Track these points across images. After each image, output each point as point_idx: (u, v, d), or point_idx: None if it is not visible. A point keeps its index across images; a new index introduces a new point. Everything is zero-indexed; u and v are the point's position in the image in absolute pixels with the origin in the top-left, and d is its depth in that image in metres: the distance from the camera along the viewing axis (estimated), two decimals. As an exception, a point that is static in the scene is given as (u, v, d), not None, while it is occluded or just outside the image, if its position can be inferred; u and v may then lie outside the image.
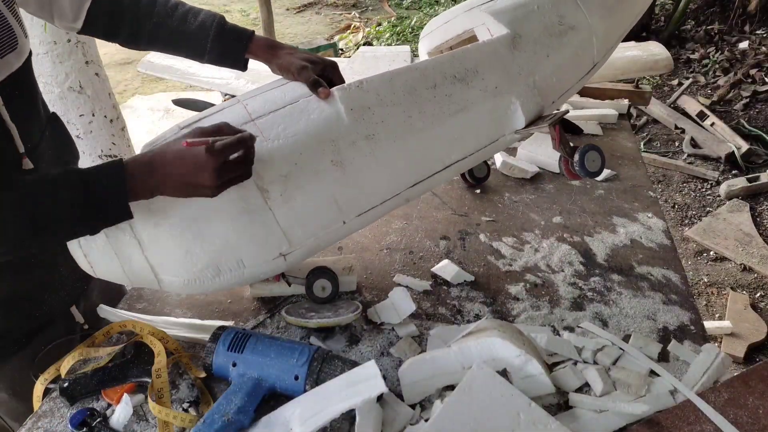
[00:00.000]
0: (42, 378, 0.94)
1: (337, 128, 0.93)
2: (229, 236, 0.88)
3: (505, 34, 1.10)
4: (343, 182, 0.93)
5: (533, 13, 1.15)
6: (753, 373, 0.91)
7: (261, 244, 0.90)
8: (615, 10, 1.26)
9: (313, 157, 0.91)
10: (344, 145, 0.93)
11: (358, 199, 0.96)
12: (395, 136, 0.97)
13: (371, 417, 0.82)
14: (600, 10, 1.21)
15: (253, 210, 0.88)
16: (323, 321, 0.99)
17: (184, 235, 0.87)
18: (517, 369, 0.88)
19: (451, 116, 1.02)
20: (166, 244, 0.87)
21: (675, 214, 3.12)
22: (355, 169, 0.94)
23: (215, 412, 0.83)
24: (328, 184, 0.92)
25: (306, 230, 0.93)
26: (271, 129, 0.91)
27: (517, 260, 1.25)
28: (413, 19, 5.54)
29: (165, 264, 0.89)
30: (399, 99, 0.98)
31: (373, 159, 0.95)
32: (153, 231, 0.87)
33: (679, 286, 1.18)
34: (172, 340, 0.99)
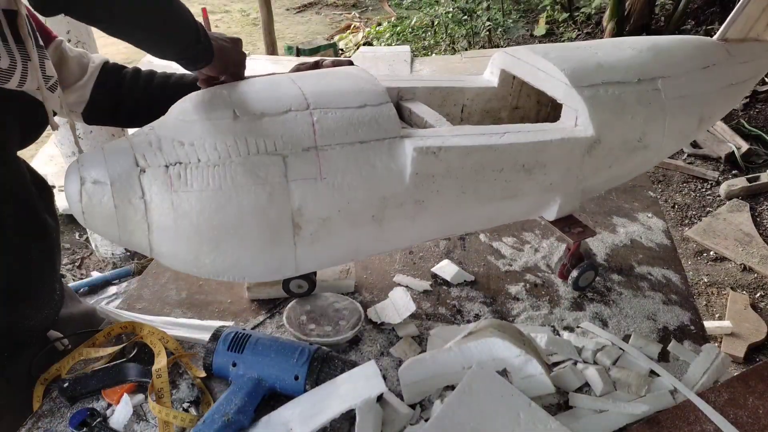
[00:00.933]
0: (42, 378, 0.94)
1: (393, 187, 0.87)
2: (244, 259, 0.84)
3: (590, 137, 1.01)
4: (373, 236, 0.91)
5: (624, 123, 1.05)
6: (753, 373, 0.91)
7: (270, 271, 0.88)
8: (685, 139, 1.23)
9: (359, 210, 0.87)
10: (392, 204, 0.88)
11: (377, 248, 0.96)
12: (442, 207, 0.93)
13: (371, 417, 0.82)
14: (677, 136, 1.16)
15: (279, 241, 0.84)
16: (323, 340, 0.99)
17: (201, 242, 0.81)
18: (517, 369, 0.88)
19: (499, 201, 0.99)
20: (177, 242, 0.82)
21: (675, 214, 3.12)
22: (391, 228, 0.91)
23: (215, 412, 0.83)
24: (359, 236, 0.89)
25: (316, 264, 0.93)
26: (331, 165, 0.83)
27: (517, 260, 1.25)
28: (413, 19, 5.54)
29: (167, 255, 0.84)
30: (463, 174, 0.92)
31: (411, 222, 0.92)
32: (170, 224, 0.80)
33: (679, 286, 1.18)
34: (172, 340, 0.99)
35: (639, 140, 1.08)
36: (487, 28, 5.02)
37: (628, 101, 1.05)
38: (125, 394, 0.90)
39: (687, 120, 1.15)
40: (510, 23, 5.14)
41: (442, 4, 5.29)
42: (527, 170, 0.98)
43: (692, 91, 1.13)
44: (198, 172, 0.79)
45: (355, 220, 0.87)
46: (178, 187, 0.78)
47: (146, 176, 0.79)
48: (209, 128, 0.80)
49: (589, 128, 1.01)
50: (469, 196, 0.95)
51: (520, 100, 1.24)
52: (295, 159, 0.81)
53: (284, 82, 0.89)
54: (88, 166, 0.79)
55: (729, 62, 1.21)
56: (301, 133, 0.82)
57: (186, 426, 0.85)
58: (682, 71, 1.13)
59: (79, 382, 0.91)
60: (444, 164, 0.90)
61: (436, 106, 1.16)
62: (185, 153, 0.79)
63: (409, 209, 0.90)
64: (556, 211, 1.07)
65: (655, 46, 1.16)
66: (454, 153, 0.90)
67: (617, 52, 1.11)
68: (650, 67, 1.10)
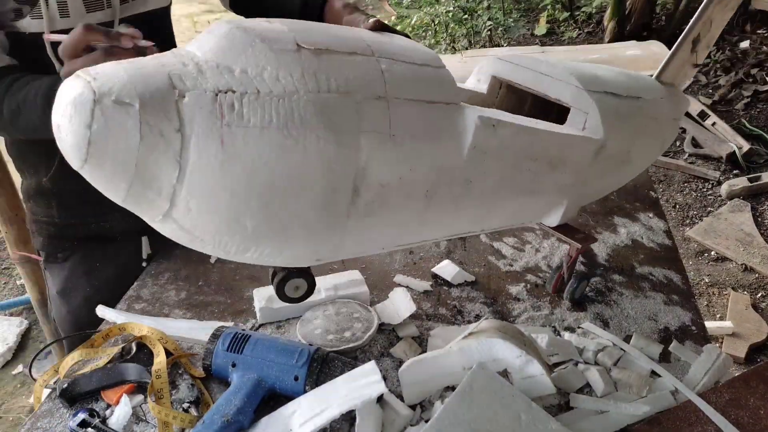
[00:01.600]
0: (41, 379, 0.94)
1: (452, 159, 0.79)
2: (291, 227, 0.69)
3: (599, 139, 0.99)
4: (418, 215, 0.81)
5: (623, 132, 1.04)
6: (754, 373, 0.91)
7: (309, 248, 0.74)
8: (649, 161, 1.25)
9: (417, 179, 0.77)
10: (445, 180, 0.80)
11: (412, 234, 0.86)
12: (482, 192, 0.87)
13: (371, 418, 0.81)
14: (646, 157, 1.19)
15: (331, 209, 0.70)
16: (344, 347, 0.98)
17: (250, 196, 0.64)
18: (518, 370, 0.87)
19: (522, 194, 0.95)
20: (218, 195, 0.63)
21: (676, 214, 3.11)
22: (436, 208, 0.83)
23: (215, 412, 0.83)
24: (407, 213, 0.79)
25: (359, 248, 0.81)
26: (400, 121, 0.72)
27: (518, 260, 1.25)
28: (413, 19, 5.54)
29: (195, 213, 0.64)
30: (508, 156, 0.86)
31: (453, 205, 0.85)
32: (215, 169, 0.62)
33: (681, 287, 1.18)
34: (171, 340, 0.98)
35: (628, 152, 1.08)
36: (487, 28, 5.02)
37: (624, 112, 1.05)
38: (124, 394, 0.90)
39: (655, 141, 1.17)
40: (511, 22, 5.13)
41: (442, 3, 5.28)
42: (553, 165, 0.95)
43: (659, 115, 1.15)
44: (258, 104, 0.62)
45: (410, 193, 0.77)
46: (232, 121, 0.61)
47: (187, 102, 0.60)
48: (269, 55, 0.64)
49: (599, 131, 0.99)
50: (506, 185, 0.90)
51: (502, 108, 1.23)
52: (369, 106, 0.68)
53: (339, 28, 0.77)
54: (104, 79, 0.58)
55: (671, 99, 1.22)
56: (371, 78, 0.69)
57: (185, 426, 0.85)
58: (651, 96, 1.14)
59: (78, 382, 0.91)
60: (498, 141, 0.83)
61: None
62: (238, 81, 0.62)
63: (457, 189, 0.83)
64: (560, 217, 1.06)
65: (623, 72, 1.17)
66: (509, 129, 0.84)
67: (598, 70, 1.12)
68: (631, 86, 1.11)
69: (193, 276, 1.21)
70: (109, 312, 1.07)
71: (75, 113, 0.57)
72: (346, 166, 0.68)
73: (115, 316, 1.06)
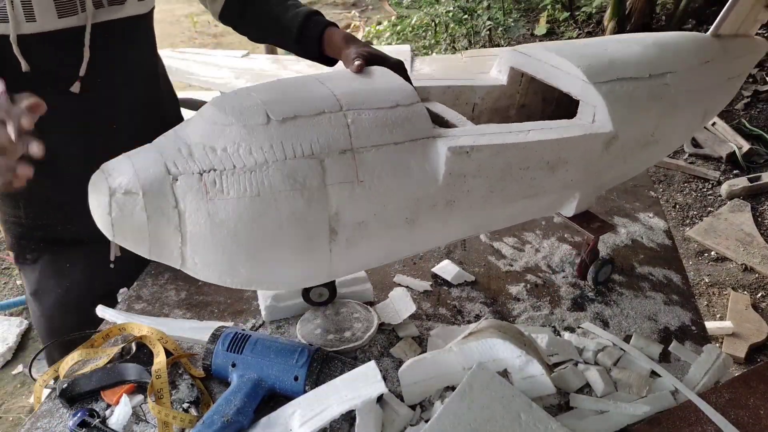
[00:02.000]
0: (41, 379, 0.94)
1: (427, 188, 0.86)
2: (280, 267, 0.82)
3: (608, 132, 1.00)
4: (405, 239, 0.89)
5: (639, 118, 1.06)
6: (754, 373, 0.91)
7: (305, 278, 0.88)
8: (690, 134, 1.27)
9: (394, 213, 0.85)
10: (425, 206, 0.87)
11: (408, 250, 0.94)
12: (470, 207, 0.92)
13: (371, 418, 0.81)
14: (684, 130, 1.20)
15: (315, 247, 0.82)
16: (344, 347, 0.98)
17: (238, 251, 0.78)
18: (518, 369, 0.87)
19: (523, 198, 0.98)
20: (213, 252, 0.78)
21: (676, 214, 3.11)
22: (422, 230, 0.90)
23: (215, 412, 0.83)
24: (392, 239, 0.88)
25: (349, 269, 0.92)
26: (367, 167, 0.81)
27: (517, 260, 1.25)
28: (413, 18, 5.53)
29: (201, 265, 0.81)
30: (493, 173, 0.92)
31: (441, 224, 0.91)
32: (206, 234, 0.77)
33: (681, 287, 1.18)
34: (170, 340, 0.98)
35: (652, 135, 1.09)
36: (487, 28, 5.02)
37: (641, 96, 1.05)
38: (124, 394, 0.90)
39: (693, 114, 1.18)
40: (511, 22, 5.13)
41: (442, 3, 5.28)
42: (551, 167, 0.97)
43: (697, 86, 1.15)
44: (234, 179, 0.75)
45: (390, 223, 0.85)
46: (214, 195, 0.75)
47: (179, 184, 0.75)
48: (242, 133, 0.77)
49: (607, 124, 1.01)
50: (496, 195, 0.94)
51: (527, 98, 1.24)
52: (333, 162, 0.79)
53: (312, 82, 0.87)
54: (117, 175, 0.74)
55: (725, 57, 1.23)
56: (336, 135, 0.79)
57: (185, 427, 0.85)
58: (686, 66, 1.14)
59: (78, 382, 0.91)
60: (475, 163, 0.88)
61: (450, 105, 1.16)
62: (219, 159, 0.76)
63: (441, 210, 0.89)
64: (574, 207, 1.08)
65: (658, 41, 1.17)
66: (486, 152, 0.89)
67: (625, 48, 1.12)
68: (658, 62, 1.10)
69: (193, 276, 1.21)
70: (109, 312, 1.07)
71: (98, 206, 0.75)
72: (318, 216, 0.79)
73: (115, 316, 1.06)
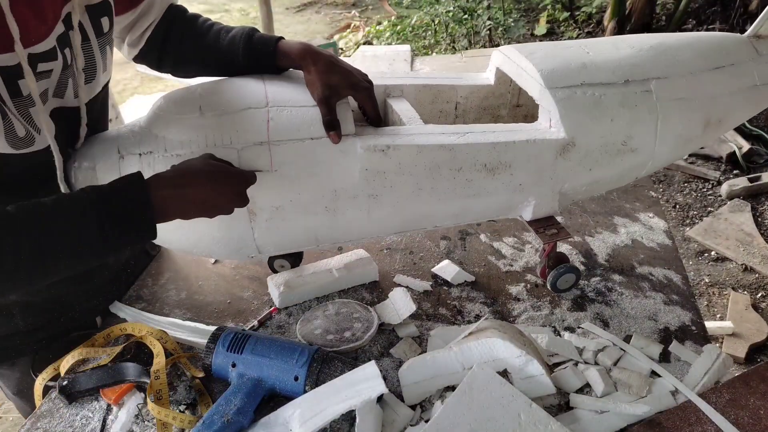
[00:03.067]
0: (41, 377, 0.94)
1: (344, 181, 0.95)
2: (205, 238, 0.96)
3: (561, 139, 1.00)
4: (328, 225, 0.99)
5: (602, 125, 1.02)
6: (754, 373, 0.91)
7: (232, 250, 0.99)
8: (687, 144, 1.15)
9: (310, 200, 0.95)
10: (344, 197, 0.96)
11: (337, 237, 1.03)
12: (398, 201, 0.98)
13: (371, 418, 0.81)
14: (675, 141, 1.10)
15: (236, 224, 0.94)
16: (344, 347, 0.98)
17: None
18: (518, 369, 0.87)
19: (462, 198, 1.01)
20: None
21: (676, 214, 3.11)
22: (345, 219, 0.98)
23: (215, 412, 0.83)
24: (314, 224, 0.98)
25: (277, 247, 1.02)
26: (282, 157, 0.92)
27: (517, 260, 1.25)
28: (413, 18, 5.53)
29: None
30: (418, 172, 0.96)
31: (366, 214, 0.98)
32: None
33: (681, 287, 1.18)
34: (170, 340, 0.98)
35: (624, 143, 1.05)
36: (487, 28, 5.02)
37: (609, 103, 1.03)
38: (125, 400, 0.90)
39: (687, 123, 1.10)
40: (511, 22, 5.12)
41: (442, 3, 5.28)
42: (489, 170, 1.00)
43: (694, 94, 1.09)
44: (163, 160, 0.90)
45: (308, 210, 0.96)
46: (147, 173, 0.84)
47: (124, 162, 0.91)
48: (178, 123, 0.92)
49: (561, 130, 1.01)
50: (426, 193, 0.99)
51: (521, 98, 1.24)
52: (248, 152, 0.91)
53: (253, 82, 0.98)
54: (82, 153, 0.93)
55: (755, 61, 1.14)
56: (255, 128, 0.91)
57: (185, 427, 0.85)
58: (685, 71, 1.09)
59: (78, 380, 0.91)
60: (394, 161, 0.95)
61: (427, 103, 1.19)
62: (155, 143, 0.91)
63: (363, 202, 0.97)
64: (531, 212, 1.07)
65: (659, 45, 1.12)
66: (404, 151, 0.95)
67: (613, 51, 1.09)
68: (644, 67, 1.07)
69: (193, 276, 1.21)
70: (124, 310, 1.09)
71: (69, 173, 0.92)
72: None
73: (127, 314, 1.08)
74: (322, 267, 1.14)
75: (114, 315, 1.11)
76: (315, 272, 1.13)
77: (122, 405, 0.90)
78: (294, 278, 1.11)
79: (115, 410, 0.90)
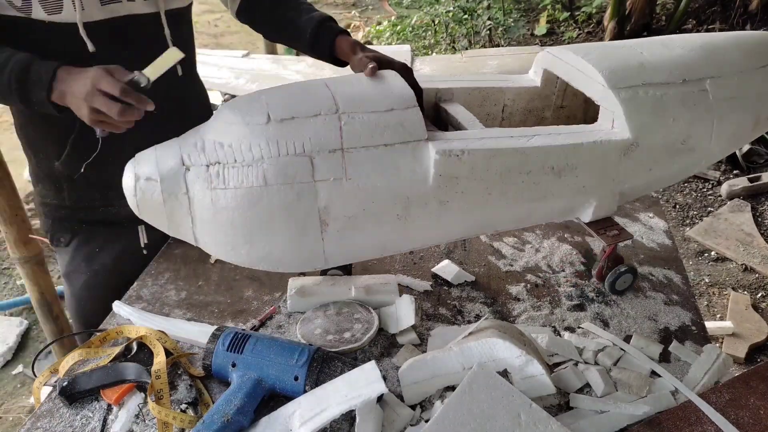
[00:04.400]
0: (37, 381, 0.94)
1: (417, 188, 0.92)
2: (275, 251, 0.92)
3: (625, 140, 1.00)
4: (399, 234, 0.96)
5: (665, 125, 1.03)
6: (754, 373, 0.91)
7: (301, 262, 0.96)
8: (738, 142, 1.19)
9: (383, 209, 0.92)
10: (416, 203, 0.93)
11: (403, 244, 1.01)
12: (467, 207, 0.96)
13: (371, 418, 0.81)
14: (728, 139, 1.12)
15: (307, 236, 0.91)
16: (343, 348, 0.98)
17: (237, 234, 0.90)
18: (518, 369, 0.87)
19: (527, 202, 1.00)
20: (217, 234, 0.91)
21: (676, 214, 3.11)
22: (416, 226, 0.95)
23: (215, 412, 0.83)
24: (385, 233, 0.95)
25: (345, 258, 1.00)
26: (356, 166, 0.89)
27: (517, 260, 1.25)
28: (413, 18, 5.53)
29: (210, 245, 0.94)
30: (489, 176, 0.95)
31: (436, 221, 0.96)
32: (210, 218, 0.89)
33: (681, 287, 1.18)
34: (170, 340, 0.98)
35: (683, 143, 1.06)
36: (487, 28, 5.02)
37: (670, 103, 1.03)
38: (125, 403, 0.90)
39: (739, 122, 1.12)
40: (511, 22, 5.12)
41: (442, 3, 5.28)
42: (556, 173, 0.98)
43: (745, 92, 1.10)
44: (234, 172, 0.87)
45: (380, 219, 0.92)
46: (217, 185, 0.87)
47: (190, 174, 0.88)
48: (245, 131, 0.88)
49: (625, 131, 1.00)
50: (495, 197, 0.97)
51: (566, 100, 1.24)
52: (322, 160, 0.87)
53: (318, 86, 0.94)
54: (143, 164, 0.89)
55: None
56: (328, 135, 0.88)
57: (185, 427, 0.85)
58: (735, 71, 1.10)
59: (78, 381, 0.91)
60: (468, 166, 0.92)
61: (476, 106, 1.18)
62: (224, 154, 0.87)
63: (434, 209, 0.94)
64: (591, 213, 1.06)
65: (707, 44, 1.12)
66: (478, 156, 0.93)
67: (665, 51, 1.09)
68: (698, 67, 1.07)
69: (193, 276, 1.21)
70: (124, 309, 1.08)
71: (127, 188, 0.90)
72: (308, 207, 0.88)
73: (129, 313, 1.08)
74: (343, 282, 1.11)
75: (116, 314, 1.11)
76: (334, 285, 1.09)
77: (122, 405, 0.90)
78: (310, 286, 1.09)
79: (115, 410, 0.90)
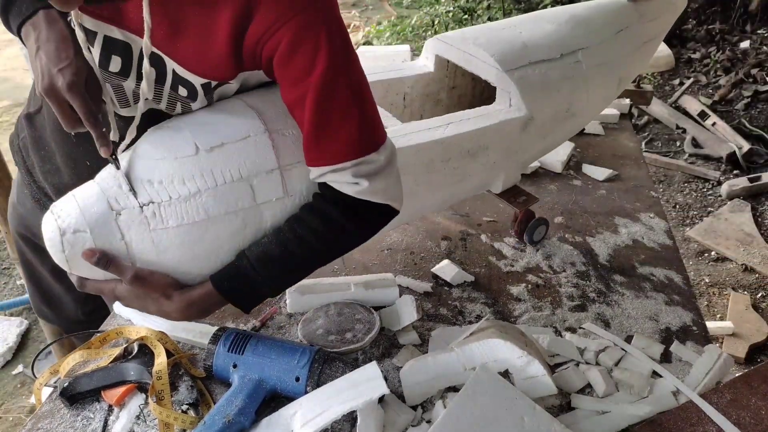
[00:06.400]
0: (37, 382, 0.94)
1: None
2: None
3: (524, 116, 1.11)
4: None
5: (552, 98, 1.15)
6: (755, 373, 0.91)
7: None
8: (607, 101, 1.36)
9: None
10: None
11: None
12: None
13: (373, 418, 0.81)
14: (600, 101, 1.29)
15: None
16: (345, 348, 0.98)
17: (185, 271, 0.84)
18: (519, 370, 0.87)
19: (449, 186, 1.09)
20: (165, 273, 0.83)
21: (676, 214, 3.11)
22: None
23: (216, 413, 0.83)
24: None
25: None
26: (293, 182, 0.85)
27: (518, 261, 1.25)
28: (413, 18, 5.53)
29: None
30: (415, 170, 1.01)
31: None
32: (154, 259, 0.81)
33: (682, 287, 1.18)
34: (171, 341, 0.98)
35: (567, 110, 1.19)
36: (487, 28, 5.02)
37: (553, 77, 1.15)
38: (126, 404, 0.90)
39: (607, 84, 1.28)
40: (510, 23, 5.13)
41: (442, 3, 5.28)
42: (472, 155, 1.08)
43: (610, 57, 1.24)
44: (171, 209, 0.79)
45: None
46: (155, 226, 0.79)
47: (122, 218, 0.79)
48: (175, 165, 0.80)
49: (522, 108, 1.11)
50: (422, 188, 1.04)
51: (456, 80, 1.36)
52: (261, 182, 0.83)
53: (238, 106, 0.87)
54: (65, 216, 0.79)
55: (640, 22, 1.30)
56: (263, 156, 0.83)
57: (187, 427, 0.85)
58: (599, 39, 1.22)
59: (79, 382, 0.91)
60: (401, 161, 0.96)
61: (380, 97, 1.23)
62: (156, 192, 0.79)
63: None
64: (500, 185, 1.19)
65: (573, 17, 1.24)
66: (407, 152, 0.97)
67: (539, 28, 1.20)
68: (570, 40, 1.19)
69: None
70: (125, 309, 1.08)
71: (52, 246, 0.79)
72: (255, 230, 0.84)
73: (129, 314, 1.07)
74: (342, 280, 1.12)
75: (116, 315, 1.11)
76: (333, 283, 1.10)
77: (123, 406, 0.90)
78: (308, 285, 1.09)
79: (116, 411, 0.90)
